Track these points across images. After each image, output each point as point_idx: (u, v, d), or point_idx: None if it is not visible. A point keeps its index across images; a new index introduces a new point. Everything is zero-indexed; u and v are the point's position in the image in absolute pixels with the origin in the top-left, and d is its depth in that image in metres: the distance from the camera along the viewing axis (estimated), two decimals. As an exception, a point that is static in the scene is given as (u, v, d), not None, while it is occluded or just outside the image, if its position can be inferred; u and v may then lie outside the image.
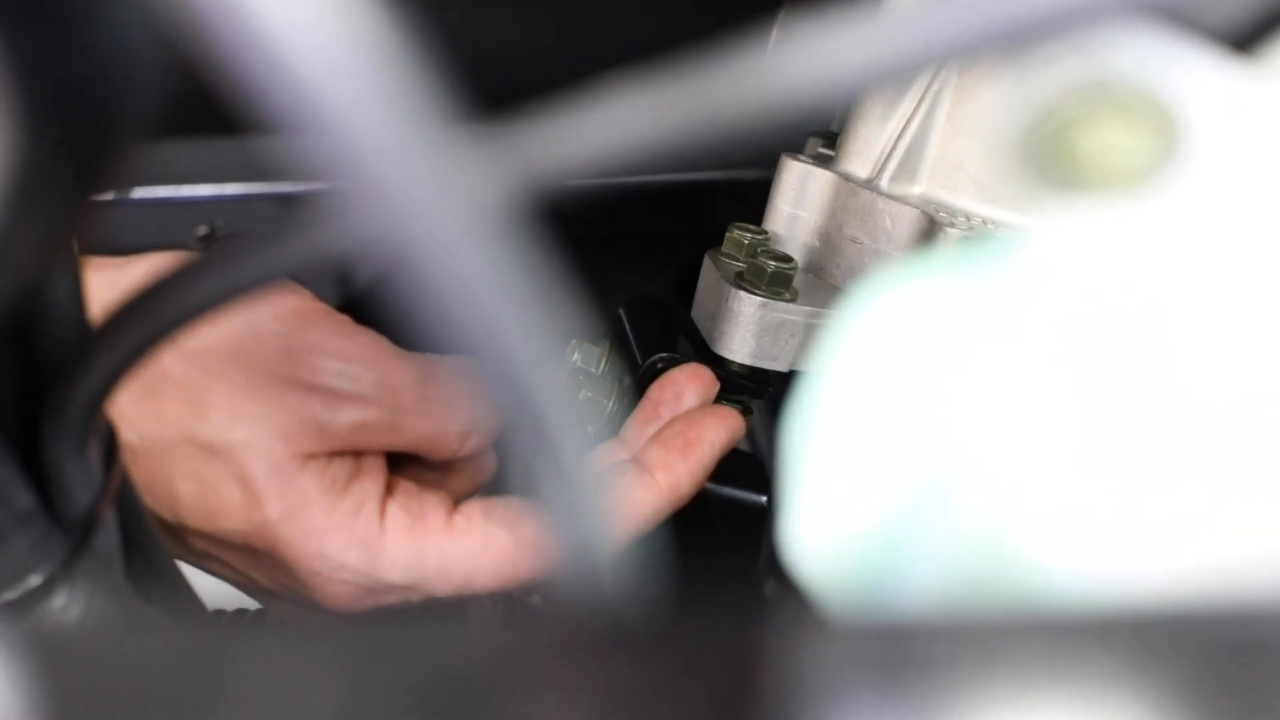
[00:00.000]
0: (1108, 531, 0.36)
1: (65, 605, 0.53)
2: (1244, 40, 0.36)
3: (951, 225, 0.76)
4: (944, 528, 0.39)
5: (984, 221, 0.78)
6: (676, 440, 0.77)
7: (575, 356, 0.88)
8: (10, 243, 0.37)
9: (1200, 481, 0.36)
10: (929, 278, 0.41)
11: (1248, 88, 0.36)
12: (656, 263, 0.96)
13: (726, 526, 0.87)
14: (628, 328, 0.88)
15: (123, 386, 0.51)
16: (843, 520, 0.41)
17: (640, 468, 0.75)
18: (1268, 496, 0.36)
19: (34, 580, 0.52)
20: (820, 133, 0.88)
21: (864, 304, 0.42)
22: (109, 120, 0.36)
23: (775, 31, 0.84)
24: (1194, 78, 0.35)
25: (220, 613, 0.95)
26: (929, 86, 0.79)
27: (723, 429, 0.77)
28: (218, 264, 0.42)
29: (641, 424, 0.80)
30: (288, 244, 0.37)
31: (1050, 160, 0.35)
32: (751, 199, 0.88)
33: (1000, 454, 0.38)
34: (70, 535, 0.53)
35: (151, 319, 0.45)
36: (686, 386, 0.79)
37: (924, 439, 0.39)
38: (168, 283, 0.44)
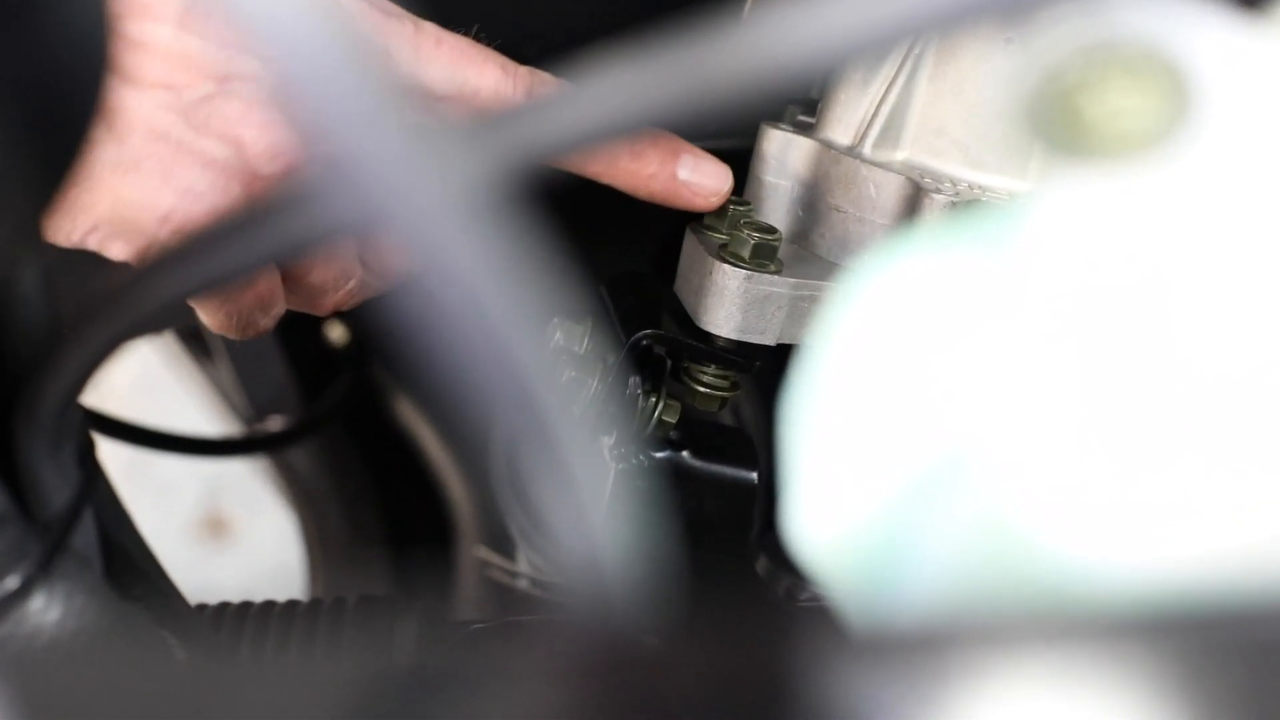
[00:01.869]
0: (1116, 518, 0.35)
1: (45, 606, 0.52)
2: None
3: (937, 191, 0.75)
4: (948, 514, 0.38)
5: (970, 186, 0.77)
6: None
7: (558, 336, 0.87)
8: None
9: (1214, 464, 0.35)
10: (928, 252, 0.39)
11: (1257, 45, 0.35)
12: (634, 238, 0.95)
13: (716, 503, 0.86)
14: (610, 306, 0.87)
15: (92, 384, 0.50)
16: (845, 506, 0.40)
17: None
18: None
19: (11, 583, 0.51)
20: (800, 100, 0.87)
21: (862, 281, 0.41)
22: (68, 117, 0.35)
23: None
24: (1202, 36, 0.34)
25: (203, 606, 0.94)
26: (910, 51, 0.78)
27: None
28: (187, 257, 0.41)
29: None
30: (262, 232, 0.36)
31: (1057, 126, 0.34)
32: (734, 168, 0.87)
33: (1006, 437, 0.36)
34: (47, 536, 0.52)
35: (122, 314, 0.44)
36: None
37: (928, 422, 0.38)
38: (138, 278, 0.43)
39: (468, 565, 1.34)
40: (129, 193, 0.66)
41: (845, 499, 0.40)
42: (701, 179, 0.78)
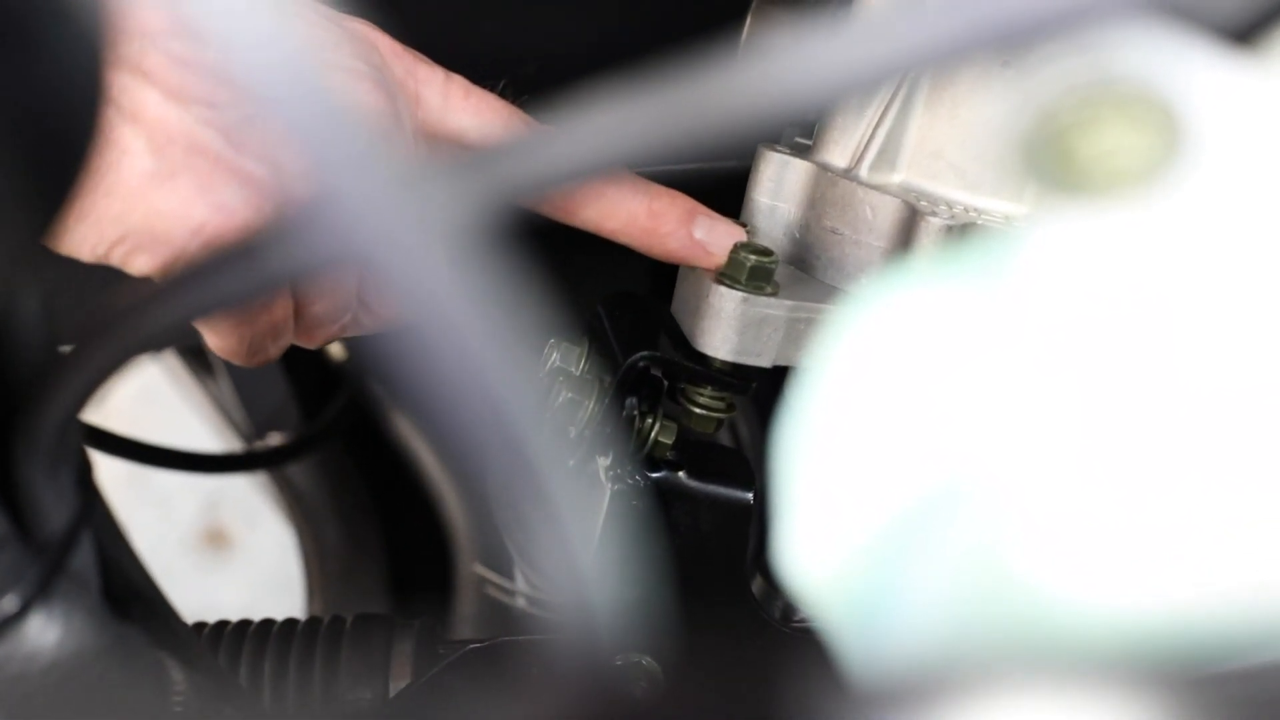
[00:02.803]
0: (1113, 556, 0.35)
1: (43, 628, 0.52)
2: (1244, 33, 0.35)
3: (933, 214, 0.75)
4: (942, 545, 0.38)
5: (966, 210, 0.77)
6: None
7: (554, 356, 0.87)
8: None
9: (1213, 502, 0.35)
10: (923, 280, 0.40)
11: (1250, 81, 0.35)
12: (631, 255, 0.95)
13: (713, 524, 0.86)
14: (606, 326, 0.87)
15: (90, 406, 0.50)
16: (838, 534, 0.40)
17: None
18: None
19: (9, 605, 0.52)
20: (797, 122, 0.87)
21: (856, 308, 0.41)
22: (65, 144, 0.35)
23: (745, 33, 0.83)
24: (1195, 73, 0.34)
25: (201, 626, 0.94)
26: (907, 75, 0.78)
27: None
28: (185, 284, 0.41)
29: None
30: (258, 264, 0.37)
31: (1051, 164, 0.34)
32: (731, 190, 0.87)
33: (1002, 469, 0.37)
34: (45, 558, 0.52)
35: (121, 339, 0.45)
36: None
37: (921, 452, 0.38)
38: (137, 303, 0.43)
39: (465, 583, 1.34)
40: (163, 203, 0.66)
41: (838, 527, 0.40)
42: (716, 239, 0.79)
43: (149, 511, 2.21)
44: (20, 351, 0.51)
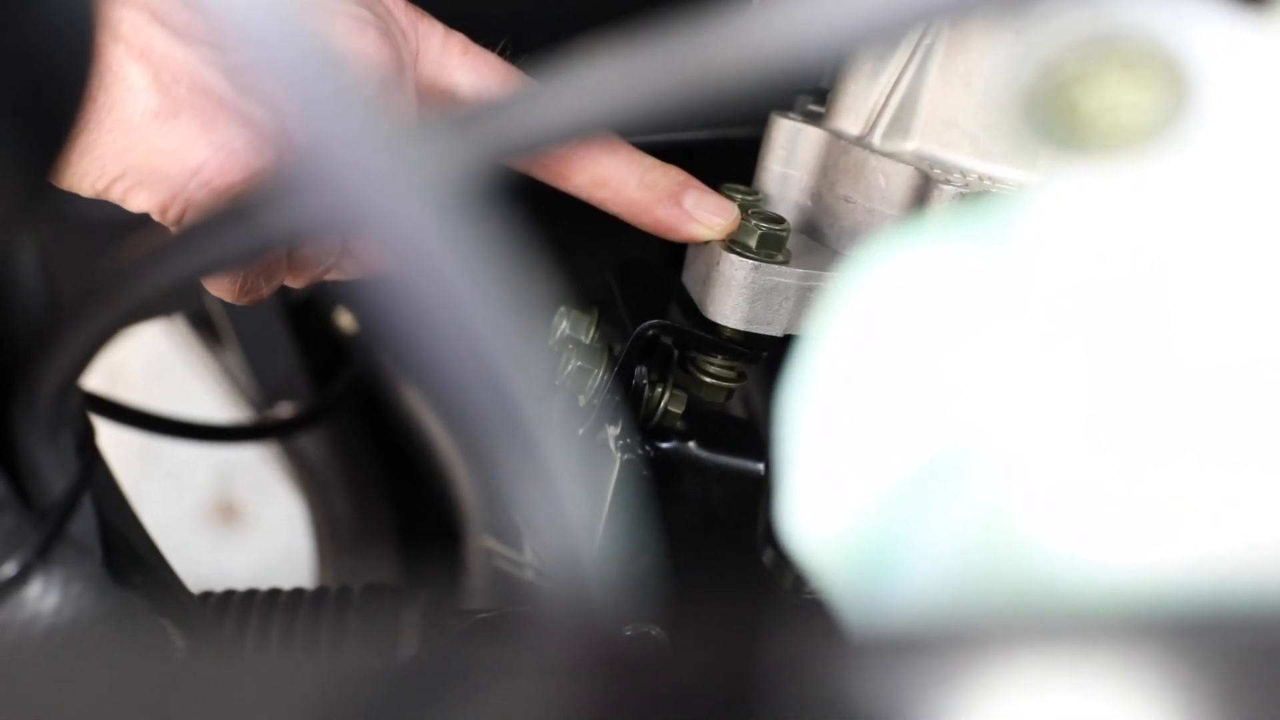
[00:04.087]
0: (1114, 517, 0.35)
1: (42, 593, 0.52)
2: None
3: (946, 182, 0.74)
4: (945, 510, 0.37)
5: (979, 177, 0.76)
6: None
7: (564, 324, 0.87)
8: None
9: (1215, 462, 0.34)
10: (929, 244, 0.39)
11: (1257, 40, 0.34)
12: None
13: (723, 495, 0.85)
14: (617, 294, 0.87)
15: (90, 370, 0.50)
16: (841, 499, 0.40)
17: None
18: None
19: (8, 569, 0.51)
20: (810, 90, 0.86)
21: (862, 272, 0.41)
22: (56, 104, 0.35)
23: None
24: (1202, 30, 0.34)
25: (208, 595, 0.94)
26: (920, 40, 0.78)
27: None
28: (184, 244, 0.41)
29: None
30: (256, 222, 0.36)
31: (1053, 119, 0.34)
32: (743, 158, 0.87)
33: (1004, 433, 0.36)
34: (45, 523, 0.52)
35: (122, 299, 0.44)
36: None
37: (925, 417, 0.38)
38: (136, 264, 0.43)
39: (475, 555, 1.34)
40: (165, 140, 0.66)
41: (841, 493, 0.40)
42: (705, 212, 0.79)
43: (160, 483, 2.21)
44: (20, 314, 0.51)
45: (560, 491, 0.33)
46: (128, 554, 0.60)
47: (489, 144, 0.30)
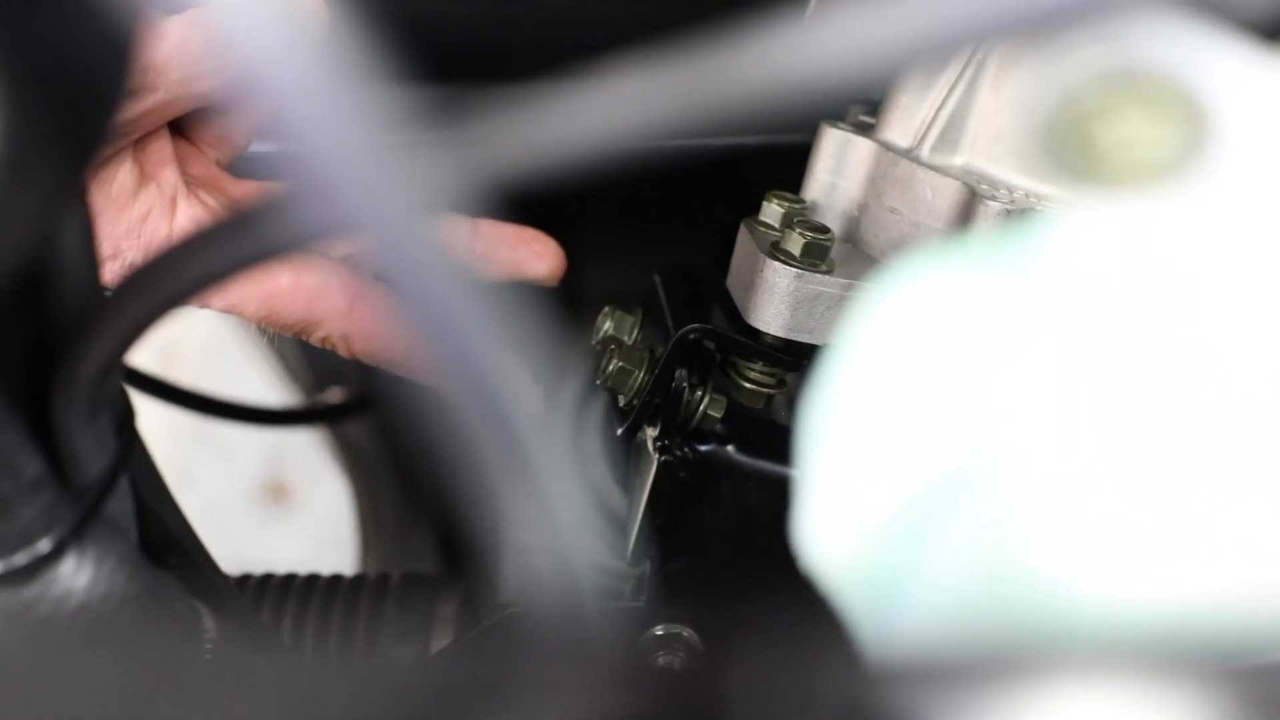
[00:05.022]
0: (1122, 553, 0.35)
1: (75, 570, 0.53)
2: (1275, 31, 0.35)
3: (992, 198, 0.74)
4: (955, 533, 0.37)
5: (1026, 194, 0.76)
6: None
7: (607, 324, 0.87)
8: (4, 215, 0.36)
9: (1227, 501, 0.34)
10: (951, 267, 0.39)
11: (1278, 80, 0.34)
12: (699, 227, 0.95)
13: (760, 500, 0.86)
14: (662, 296, 0.87)
15: (132, 352, 0.51)
16: (856, 515, 0.40)
17: None
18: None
19: (42, 546, 0.52)
20: (862, 100, 0.87)
21: (886, 290, 0.41)
22: (96, 91, 0.36)
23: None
24: (1223, 69, 0.34)
25: (246, 578, 0.95)
26: (972, 55, 0.78)
27: None
28: (234, 233, 0.41)
29: None
30: (303, 215, 0.36)
31: (1070, 150, 0.34)
32: (799, 164, 0.87)
33: (1017, 460, 0.36)
34: (81, 503, 0.53)
35: (167, 284, 0.45)
36: None
37: (941, 437, 0.38)
38: (185, 249, 0.43)
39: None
40: None
41: (856, 509, 0.40)
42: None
43: (213, 462, 2.23)
44: (64, 295, 0.51)
45: (552, 512, 0.33)
46: (164, 536, 0.61)
47: (488, 160, 0.30)
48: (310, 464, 2.16)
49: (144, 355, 1.74)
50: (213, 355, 2.09)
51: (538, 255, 0.90)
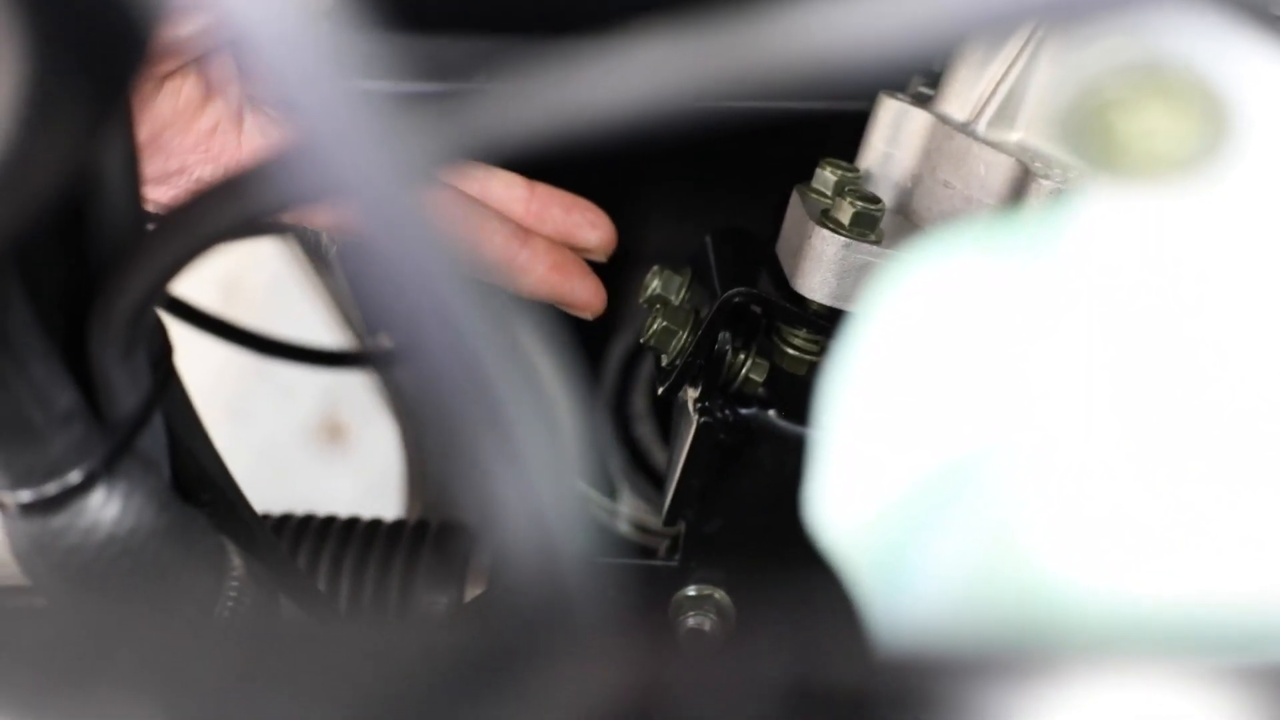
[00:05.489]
0: (1128, 541, 0.35)
1: (104, 503, 0.54)
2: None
3: (1045, 177, 0.73)
4: (965, 515, 0.37)
5: (1080, 175, 0.75)
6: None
7: (655, 283, 0.87)
8: (34, 152, 0.37)
9: (1233, 501, 0.34)
10: (984, 248, 0.39)
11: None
12: (765, 192, 0.95)
13: (799, 465, 0.86)
14: (711, 258, 0.87)
15: (170, 288, 0.51)
16: (867, 490, 0.40)
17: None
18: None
19: (73, 477, 0.53)
20: (923, 71, 0.86)
21: (913, 266, 0.41)
22: (123, 25, 0.36)
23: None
24: (1250, 65, 0.33)
25: (286, 519, 0.96)
26: (1033, 32, 0.77)
27: None
28: (283, 171, 0.41)
29: None
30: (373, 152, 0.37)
31: (1090, 139, 0.34)
32: (849, 132, 0.86)
33: (1032, 448, 0.36)
34: (113, 436, 0.53)
35: (206, 222, 0.45)
36: None
37: (953, 419, 0.38)
38: (224, 187, 0.43)
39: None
40: None
41: (869, 481, 0.40)
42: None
43: (270, 400, 2.24)
44: (104, 228, 0.52)
45: (531, 474, 0.33)
46: (197, 473, 0.62)
47: (478, 131, 0.31)
48: (365, 407, 2.17)
49: (205, 291, 1.75)
50: (273, 293, 2.10)
51: (590, 224, 0.89)
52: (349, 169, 0.29)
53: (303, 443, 2.28)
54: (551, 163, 0.84)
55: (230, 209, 0.43)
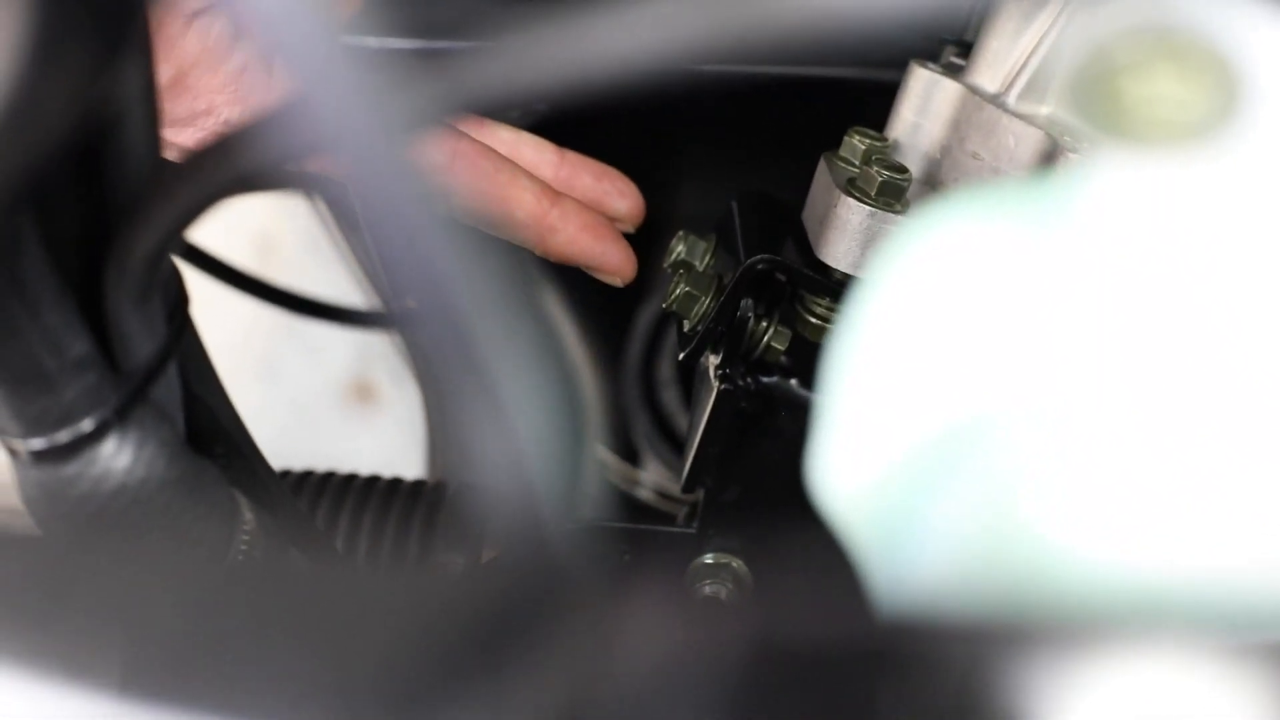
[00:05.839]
0: (1126, 513, 0.34)
1: (115, 451, 0.54)
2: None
3: (1075, 151, 0.73)
4: (967, 481, 0.37)
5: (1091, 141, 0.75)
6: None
7: (680, 247, 0.87)
8: (40, 90, 0.36)
9: (1234, 476, 0.34)
10: (982, 214, 0.39)
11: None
12: (791, 157, 0.94)
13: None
14: (736, 223, 0.86)
15: (187, 234, 0.51)
16: (872, 452, 0.40)
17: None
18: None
19: (85, 425, 0.53)
20: (955, 40, 0.85)
21: (923, 229, 0.40)
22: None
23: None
24: (1263, 33, 0.33)
25: (308, 474, 0.96)
26: (1067, 4, 0.76)
27: None
28: (286, 124, 0.41)
29: None
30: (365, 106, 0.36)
31: (1097, 103, 0.33)
32: (880, 101, 0.86)
33: (1036, 414, 0.36)
34: (126, 385, 0.53)
35: (224, 170, 0.45)
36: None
37: (962, 382, 0.38)
38: (242, 136, 0.43)
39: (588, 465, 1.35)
40: None
41: (872, 445, 0.40)
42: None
43: (302, 357, 2.25)
44: (122, 172, 0.52)
45: (514, 429, 0.33)
46: (211, 425, 0.62)
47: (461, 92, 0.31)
48: (395, 368, 2.17)
49: (240, 245, 1.75)
50: (309, 251, 2.10)
51: (619, 193, 0.89)
52: (339, 123, 0.29)
53: (333, 401, 2.28)
54: (580, 126, 0.83)
55: (245, 158, 0.43)
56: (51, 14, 0.34)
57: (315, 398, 2.27)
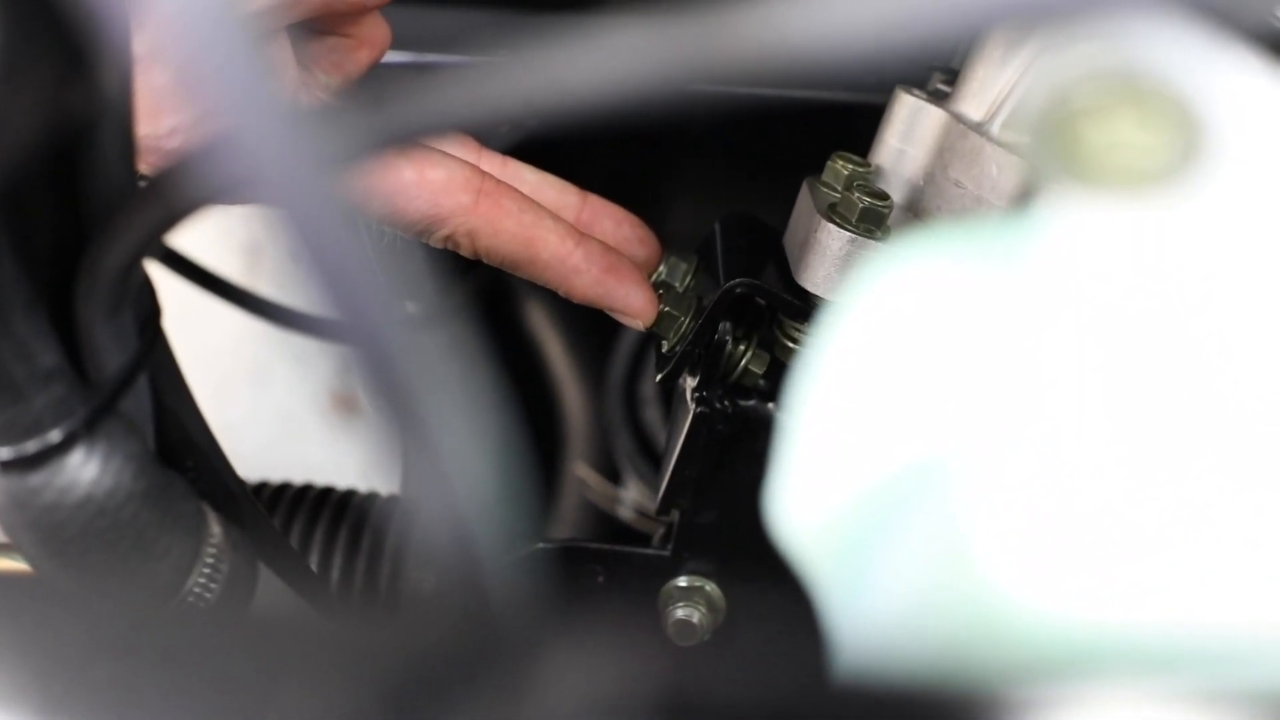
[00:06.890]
0: (1076, 562, 0.34)
1: (82, 463, 0.54)
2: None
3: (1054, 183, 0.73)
4: (921, 524, 0.37)
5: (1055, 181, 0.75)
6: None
7: (661, 268, 0.87)
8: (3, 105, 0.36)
9: (1195, 529, 0.34)
10: (942, 253, 0.38)
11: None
12: (784, 179, 0.94)
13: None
14: (718, 246, 0.86)
15: (159, 247, 0.51)
16: (826, 488, 0.40)
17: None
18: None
19: (53, 436, 0.53)
20: (943, 68, 0.85)
21: (888, 265, 0.40)
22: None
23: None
24: (1226, 79, 0.33)
25: (285, 487, 0.95)
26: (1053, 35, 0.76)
27: None
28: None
29: None
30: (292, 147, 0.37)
31: (1058, 147, 0.33)
32: (865, 126, 0.86)
33: (991, 458, 0.36)
34: (95, 397, 0.53)
35: (194, 187, 0.45)
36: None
37: (920, 420, 0.38)
38: (211, 155, 0.43)
39: (568, 482, 1.34)
40: None
41: (825, 483, 0.40)
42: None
43: (287, 366, 2.24)
44: (99, 181, 0.52)
45: (449, 474, 0.33)
46: (181, 438, 0.61)
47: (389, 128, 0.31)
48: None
49: (229, 255, 1.75)
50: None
51: (640, 240, 0.89)
52: (258, 160, 0.29)
53: (318, 412, 2.28)
54: (566, 146, 0.83)
55: (214, 173, 0.43)
56: (15, 29, 0.34)
57: (302, 407, 2.27)
